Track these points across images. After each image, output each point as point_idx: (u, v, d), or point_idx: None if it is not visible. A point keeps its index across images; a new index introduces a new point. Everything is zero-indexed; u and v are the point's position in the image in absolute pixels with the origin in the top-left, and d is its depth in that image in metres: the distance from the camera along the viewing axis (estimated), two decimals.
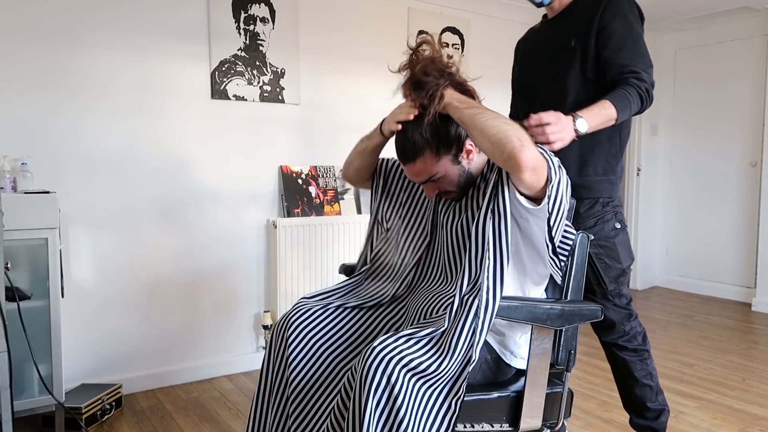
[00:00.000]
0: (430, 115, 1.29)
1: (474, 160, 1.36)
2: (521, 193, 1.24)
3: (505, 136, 1.17)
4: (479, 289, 1.23)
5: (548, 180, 1.22)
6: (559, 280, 1.43)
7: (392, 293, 1.47)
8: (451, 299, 1.27)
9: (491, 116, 1.22)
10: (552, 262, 1.37)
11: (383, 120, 1.49)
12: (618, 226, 1.80)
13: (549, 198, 1.24)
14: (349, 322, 1.47)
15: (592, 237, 1.62)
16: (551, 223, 1.28)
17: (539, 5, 1.84)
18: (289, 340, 1.42)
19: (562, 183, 1.27)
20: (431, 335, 1.21)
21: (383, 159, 1.65)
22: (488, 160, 1.38)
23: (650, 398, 1.85)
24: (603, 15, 1.67)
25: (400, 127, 1.35)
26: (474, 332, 1.20)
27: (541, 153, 1.22)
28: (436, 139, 1.31)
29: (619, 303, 1.82)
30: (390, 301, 1.47)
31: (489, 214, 1.28)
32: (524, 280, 1.39)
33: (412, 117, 1.33)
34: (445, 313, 1.26)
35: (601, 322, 1.81)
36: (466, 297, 1.25)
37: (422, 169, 1.34)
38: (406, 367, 1.14)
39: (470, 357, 1.19)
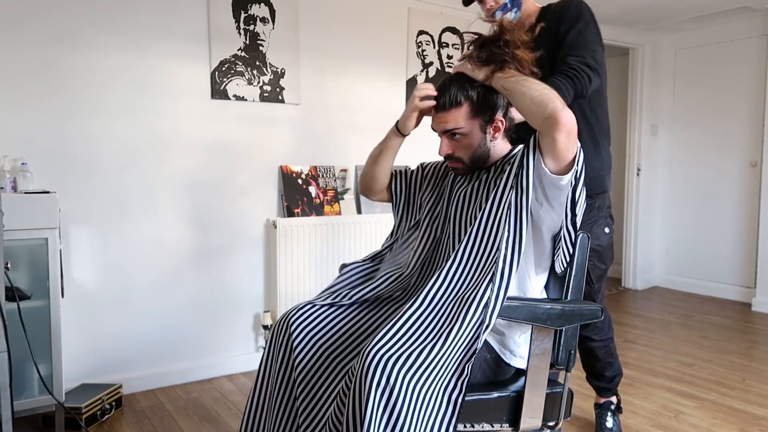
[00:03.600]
0: (481, 76, 1.36)
1: (498, 140, 1.42)
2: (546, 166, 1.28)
3: (549, 98, 1.25)
4: (494, 270, 1.26)
5: (575, 159, 1.28)
6: (561, 269, 1.41)
7: (398, 284, 1.47)
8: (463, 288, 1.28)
9: (535, 82, 1.30)
10: (564, 248, 1.38)
11: (397, 122, 1.55)
12: (607, 231, 1.93)
13: (575, 173, 1.29)
14: (351, 318, 1.46)
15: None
16: (575, 197, 1.33)
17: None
18: (294, 342, 1.41)
19: (581, 168, 1.33)
20: (423, 314, 1.25)
21: (401, 171, 1.66)
22: (506, 154, 1.44)
23: (608, 369, 2.12)
24: (561, 26, 1.75)
25: (432, 102, 1.43)
26: (481, 323, 1.21)
27: None
28: (477, 98, 1.38)
29: (598, 301, 1.97)
30: (394, 293, 1.48)
31: (511, 190, 1.32)
32: (525, 270, 1.39)
33: (435, 93, 1.42)
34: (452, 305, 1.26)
35: None
36: (476, 279, 1.27)
37: (453, 119, 1.40)
38: (401, 363, 1.14)
39: (474, 348, 1.20)
